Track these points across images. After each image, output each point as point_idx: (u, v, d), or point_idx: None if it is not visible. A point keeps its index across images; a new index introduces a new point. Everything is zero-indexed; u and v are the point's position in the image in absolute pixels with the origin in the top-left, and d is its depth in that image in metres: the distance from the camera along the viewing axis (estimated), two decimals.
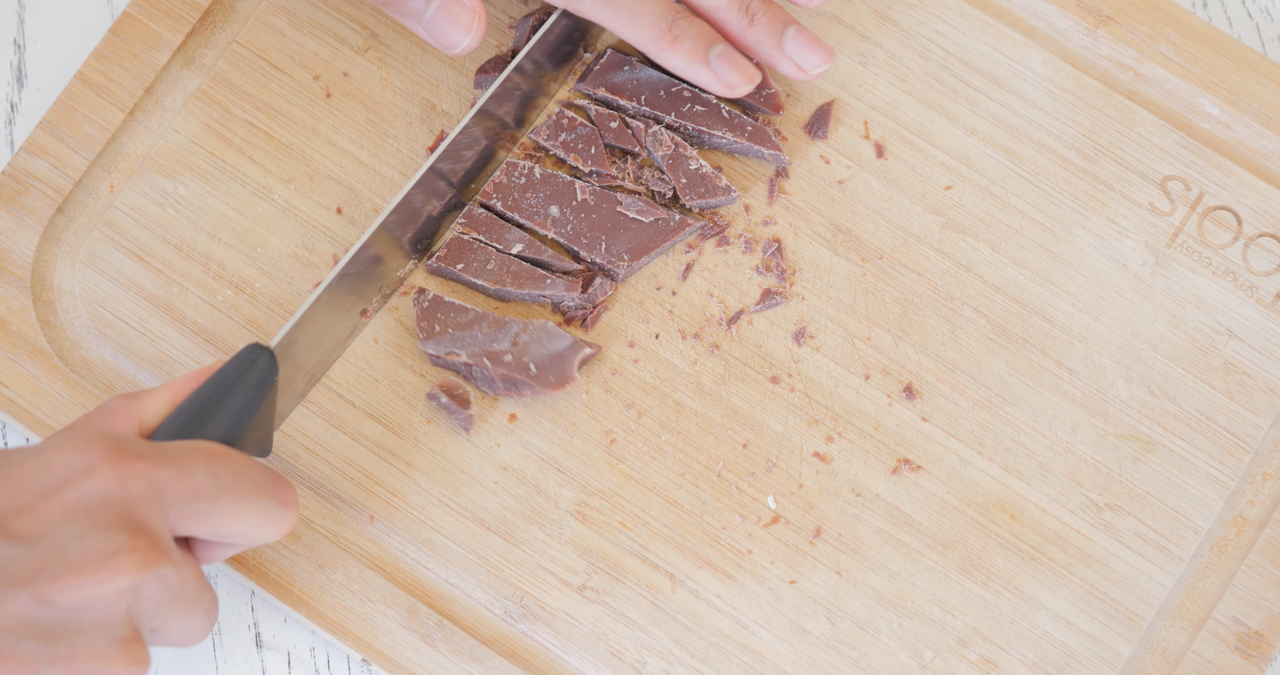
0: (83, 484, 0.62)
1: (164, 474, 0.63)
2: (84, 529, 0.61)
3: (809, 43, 0.77)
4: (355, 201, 0.80)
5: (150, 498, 0.63)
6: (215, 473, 0.65)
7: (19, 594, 0.59)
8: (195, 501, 0.64)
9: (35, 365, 0.78)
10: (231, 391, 0.69)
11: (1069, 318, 0.80)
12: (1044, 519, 0.78)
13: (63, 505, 0.61)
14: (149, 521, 0.62)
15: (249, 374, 0.69)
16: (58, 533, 0.61)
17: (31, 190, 0.80)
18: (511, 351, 0.77)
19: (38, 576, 0.60)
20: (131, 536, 0.61)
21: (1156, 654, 0.78)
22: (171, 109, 0.81)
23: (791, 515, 0.78)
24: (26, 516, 0.61)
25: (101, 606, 0.61)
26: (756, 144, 0.80)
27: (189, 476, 0.64)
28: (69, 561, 0.60)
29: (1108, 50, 0.83)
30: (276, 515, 0.67)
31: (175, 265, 0.80)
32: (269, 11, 0.82)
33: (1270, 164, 0.82)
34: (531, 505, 0.78)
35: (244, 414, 0.69)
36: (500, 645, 0.77)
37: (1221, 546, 0.79)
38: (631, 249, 0.79)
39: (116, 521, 0.61)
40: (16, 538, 0.60)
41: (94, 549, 0.61)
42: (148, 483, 0.63)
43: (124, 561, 0.61)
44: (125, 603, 0.62)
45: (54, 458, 0.62)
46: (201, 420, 0.68)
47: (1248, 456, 0.79)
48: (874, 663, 0.77)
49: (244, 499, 0.65)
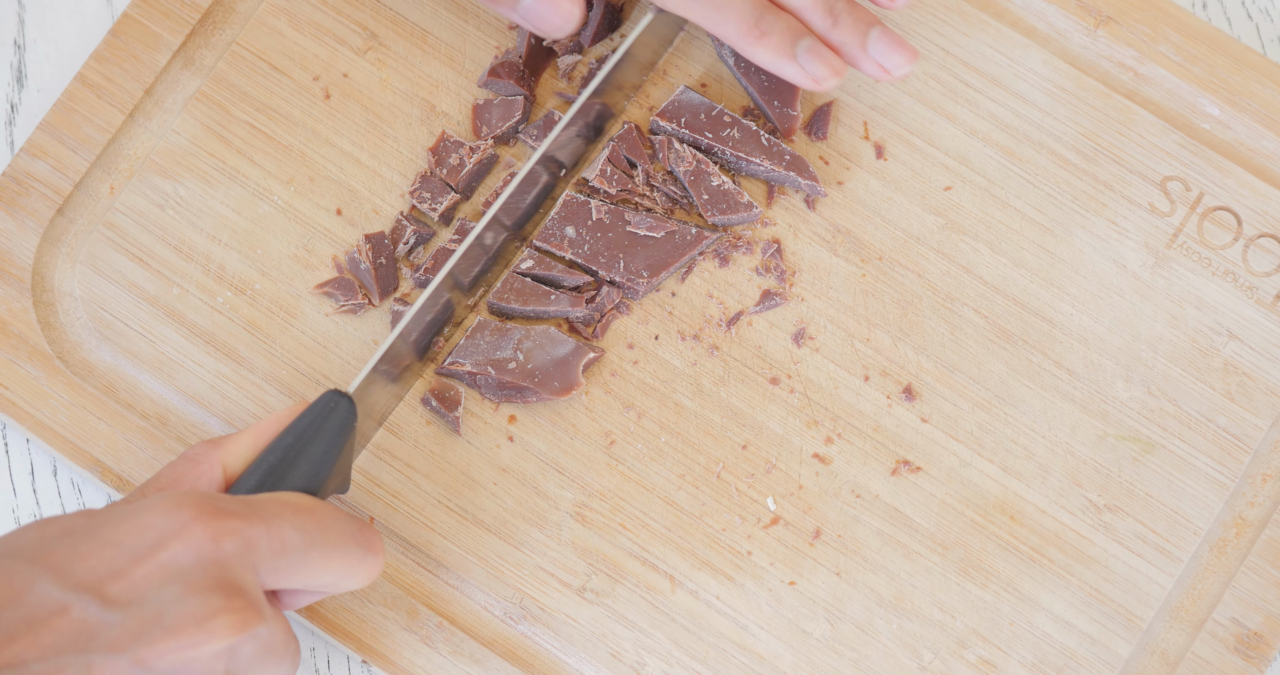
0: (175, 546, 0.62)
1: (255, 531, 0.63)
2: (180, 592, 0.61)
3: (893, 43, 0.76)
4: (355, 203, 0.80)
5: (242, 556, 0.63)
6: (304, 527, 0.65)
7: (119, 660, 0.60)
8: (285, 557, 0.64)
9: (36, 367, 0.78)
10: (313, 440, 0.69)
11: (1069, 318, 0.80)
12: (1043, 520, 0.78)
13: (158, 568, 0.62)
14: (242, 580, 0.63)
15: (329, 421, 0.70)
16: (154, 596, 0.61)
17: (32, 192, 0.80)
18: (515, 359, 0.77)
19: (137, 641, 0.60)
20: (227, 598, 0.62)
21: (1156, 655, 0.78)
22: (171, 110, 0.81)
23: (791, 516, 0.78)
24: (122, 581, 0.61)
25: (200, 669, 0.62)
26: (794, 172, 0.80)
27: (278, 533, 0.64)
28: (166, 625, 0.61)
29: (1108, 50, 0.82)
30: (364, 563, 0.67)
31: (175, 267, 0.80)
32: (269, 13, 0.82)
33: (1270, 164, 0.82)
34: (531, 506, 0.78)
35: (325, 461, 0.69)
36: (500, 646, 0.77)
37: (1221, 547, 0.79)
38: (650, 266, 0.79)
39: (211, 583, 0.62)
40: (114, 603, 0.61)
41: (190, 612, 0.61)
42: (239, 541, 0.63)
43: (221, 624, 0.61)
44: (222, 664, 0.62)
45: (146, 521, 0.63)
46: (284, 469, 0.68)
47: (1247, 457, 0.79)
48: (873, 664, 0.77)
49: (332, 550, 0.66)
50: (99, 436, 0.78)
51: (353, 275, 0.80)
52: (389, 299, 0.79)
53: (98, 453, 0.78)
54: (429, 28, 0.82)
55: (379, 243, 0.79)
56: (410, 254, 0.80)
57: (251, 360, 0.79)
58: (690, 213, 0.81)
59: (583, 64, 0.82)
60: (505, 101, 0.81)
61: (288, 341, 0.79)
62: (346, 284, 0.79)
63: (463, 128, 0.81)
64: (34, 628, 0.60)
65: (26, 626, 0.60)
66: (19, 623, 0.60)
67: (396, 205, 0.80)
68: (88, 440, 0.78)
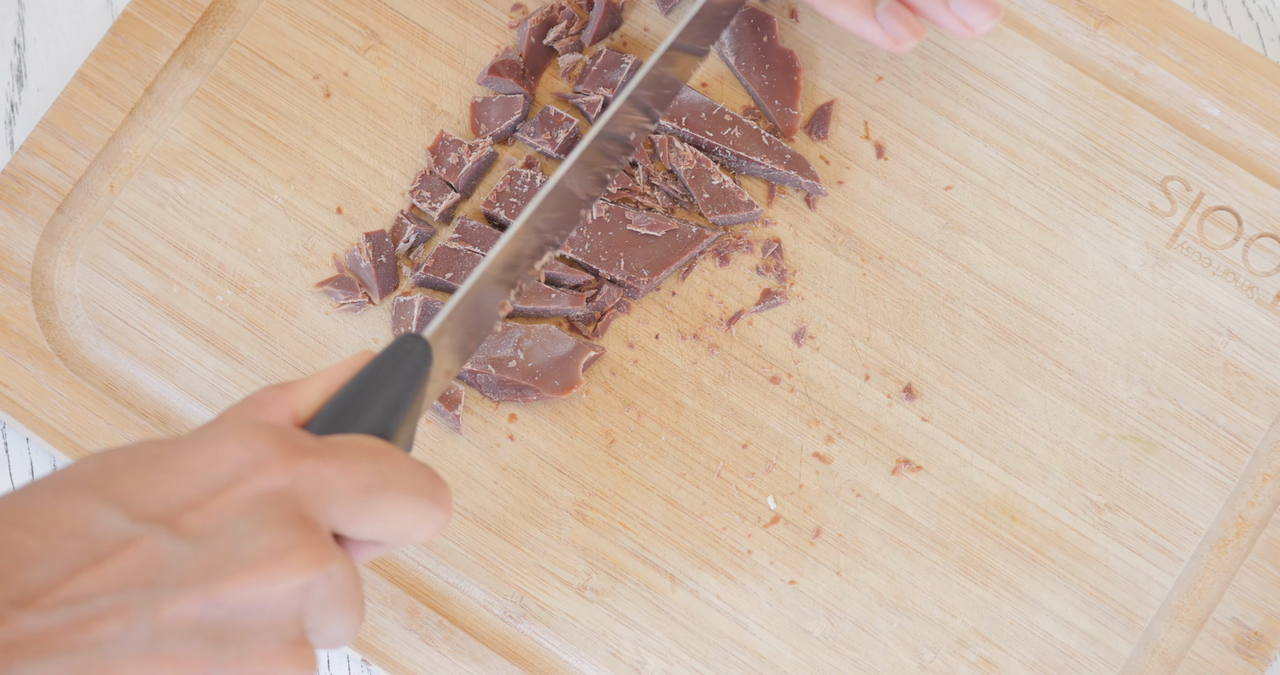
0: (254, 480, 0.59)
1: (331, 470, 0.60)
2: (255, 526, 0.58)
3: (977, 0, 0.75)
4: (355, 201, 0.80)
5: (317, 494, 0.60)
6: (380, 470, 0.62)
7: (190, 593, 0.56)
8: (360, 498, 0.61)
9: (35, 365, 0.78)
10: (387, 382, 0.65)
11: (1069, 318, 0.80)
12: (1044, 519, 0.78)
13: (233, 501, 0.58)
14: (316, 518, 0.60)
15: (404, 364, 0.66)
16: (229, 530, 0.58)
17: (32, 190, 0.80)
18: (515, 357, 0.77)
19: (209, 575, 0.57)
20: (304, 533, 0.59)
21: (1156, 654, 0.78)
22: (171, 109, 0.81)
23: (791, 515, 0.78)
24: (195, 513, 0.58)
25: (273, 606, 0.58)
26: (795, 172, 0.80)
27: (354, 473, 0.61)
28: (242, 560, 0.57)
29: (1108, 50, 0.82)
30: (432, 515, 0.63)
31: (175, 265, 0.80)
32: (269, 11, 0.82)
33: (1270, 164, 0.82)
34: (531, 505, 0.78)
35: (399, 405, 0.65)
36: (500, 645, 0.77)
37: (1221, 547, 0.79)
38: (650, 264, 0.79)
39: (288, 518, 0.59)
40: (187, 535, 0.57)
41: (266, 547, 0.58)
42: (316, 479, 0.60)
43: (297, 559, 0.58)
44: (296, 603, 0.59)
45: (222, 451, 0.59)
46: (357, 412, 0.64)
47: (1248, 457, 0.79)
48: (874, 663, 0.77)
49: (404, 497, 0.62)
50: (99, 435, 0.78)
51: (353, 274, 0.80)
52: (389, 297, 0.79)
53: (97, 450, 0.78)
54: (429, 26, 0.82)
55: (379, 241, 0.79)
56: (411, 253, 0.80)
57: (251, 358, 0.79)
58: (691, 211, 0.81)
59: (580, 63, 0.82)
60: (504, 99, 0.81)
61: (288, 340, 0.79)
62: (347, 282, 0.79)
63: (463, 127, 0.81)
64: (99, 560, 0.56)
65: (91, 559, 0.56)
66: (83, 555, 0.56)
67: (397, 204, 0.80)
68: (87, 438, 0.78)
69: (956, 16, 0.75)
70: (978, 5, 0.75)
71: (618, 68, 0.81)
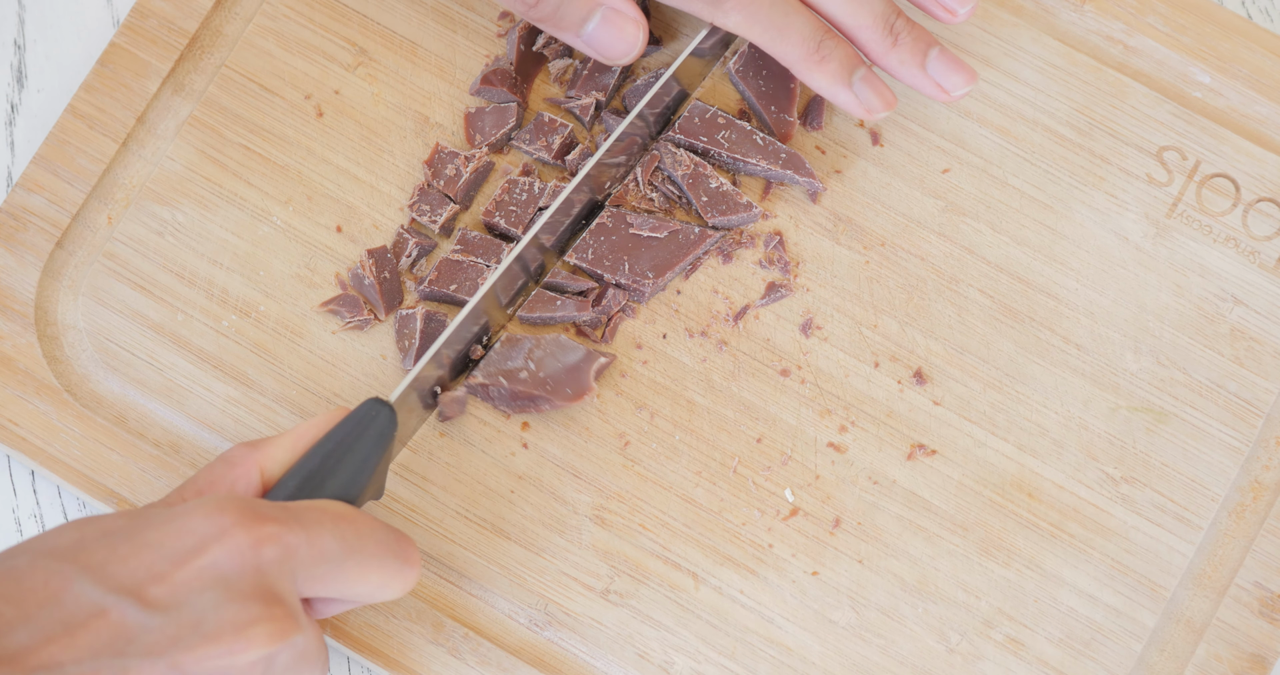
0: (217, 551, 0.62)
1: (295, 538, 0.63)
2: (219, 598, 0.61)
3: (952, 64, 0.77)
4: (355, 219, 0.80)
5: (281, 563, 0.63)
6: (343, 535, 0.65)
7: (156, 664, 0.59)
8: (324, 565, 0.64)
9: (44, 401, 0.78)
10: (352, 447, 0.69)
11: (1074, 293, 0.80)
12: (1061, 495, 0.79)
13: (198, 573, 0.61)
14: (279, 588, 0.62)
15: (369, 429, 0.69)
16: (194, 602, 0.61)
17: (29, 226, 0.80)
18: (527, 368, 0.77)
19: (175, 646, 0.60)
20: (266, 606, 0.61)
21: (1181, 623, 0.78)
22: (164, 137, 0.81)
23: (810, 507, 0.78)
24: (162, 584, 0.61)
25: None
26: (790, 170, 0.80)
27: (318, 540, 0.64)
28: (205, 632, 0.60)
29: (1096, 24, 0.83)
30: (400, 575, 0.67)
31: (178, 293, 0.79)
32: (256, 33, 0.82)
33: (1264, 129, 0.82)
34: (550, 512, 0.78)
35: (364, 469, 0.69)
36: (527, 654, 0.77)
37: (1239, 512, 0.79)
38: (655, 267, 0.79)
39: (251, 590, 0.61)
40: (153, 606, 0.60)
41: (229, 619, 0.61)
42: (279, 548, 0.63)
43: (260, 632, 0.61)
44: (259, 672, 0.62)
45: (188, 524, 0.62)
46: (323, 477, 0.68)
47: (1260, 421, 0.79)
48: (901, 649, 0.77)
49: (369, 560, 0.65)
50: (112, 468, 0.78)
51: (357, 291, 0.79)
52: (394, 313, 0.79)
53: (112, 484, 0.78)
54: (417, 40, 0.82)
55: (381, 257, 0.79)
56: (414, 267, 0.80)
57: (261, 382, 0.79)
58: (690, 212, 0.80)
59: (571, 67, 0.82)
60: (498, 109, 0.80)
61: (296, 361, 0.79)
62: (351, 300, 0.79)
63: (457, 138, 0.81)
64: (71, 629, 0.59)
65: (64, 628, 0.59)
66: (56, 624, 0.59)
67: (396, 219, 0.80)
68: (101, 472, 0.78)
69: (933, 80, 0.77)
70: (953, 69, 0.77)
71: (608, 71, 0.81)
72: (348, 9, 0.82)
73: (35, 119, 0.83)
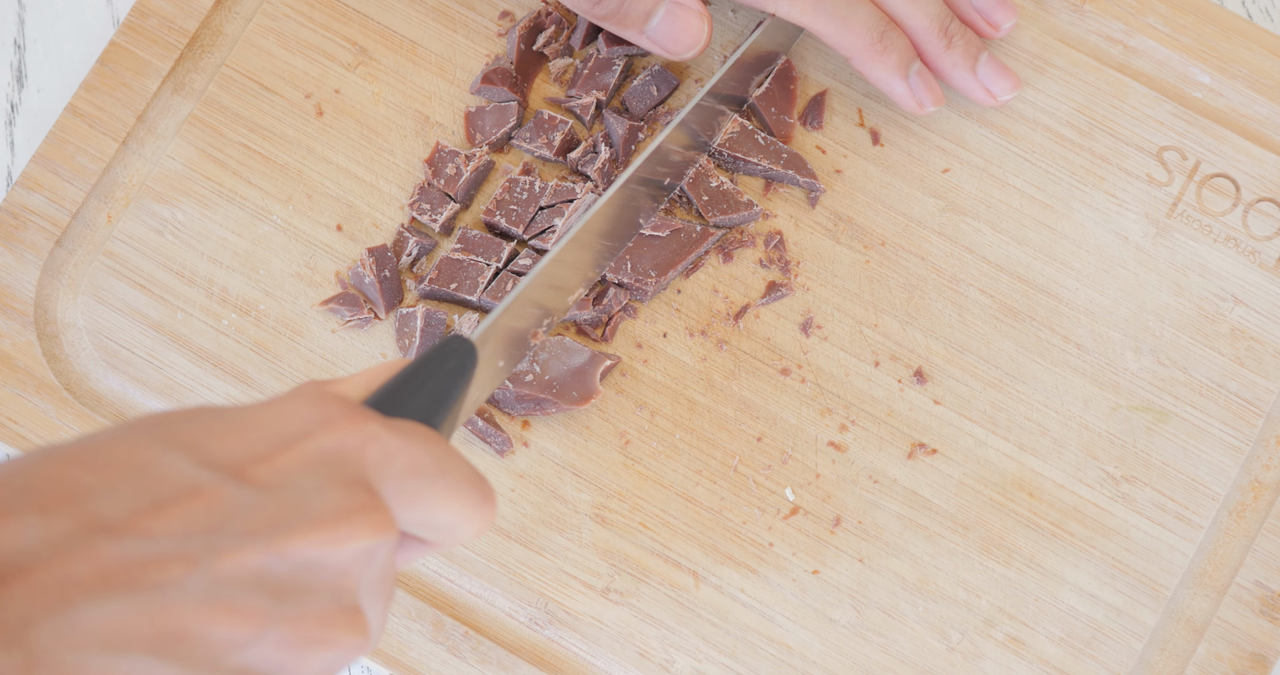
0: (322, 437, 0.57)
1: (395, 443, 0.58)
2: (324, 483, 0.56)
3: (1000, 70, 0.80)
4: (355, 218, 0.80)
5: (380, 464, 0.58)
6: (434, 454, 0.60)
7: (255, 544, 0.54)
8: (415, 478, 0.59)
9: (44, 400, 0.78)
10: (432, 377, 0.64)
11: (1074, 293, 0.80)
12: (1062, 494, 0.79)
13: (301, 456, 0.56)
14: (378, 487, 0.58)
15: (449, 361, 0.65)
16: (297, 484, 0.56)
17: (29, 225, 0.80)
18: (532, 371, 0.77)
19: (274, 528, 0.54)
20: (370, 496, 0.57)
21: (1182, 622, 0.78)
22: (164, 136, 0.81)
23: (810, 505, 0.78)
24: (264, 464, 0.55)
25: (336, 567, 0.56)
26: (792, 170, 0.80)
27: (413, 452, 0.59)
28: (309, 515, 0.55)
29: (1096, 25, 0.83)
30: (480, 511, 0.61)
31: (178, 292, 0.79)
32: (257, 33, 0.82)
33: (1264, 129, 0.82)
34: (550, 511, 0.78)
35: (443, 401, 0.64)
36: (527, 652, 0.77)
37: (1240, 512, 0.79)
38: (657, 265, 0.79)
39: (354, 480, 0.57)
40: (255, 485, 0.55)
41: (334, 504, 0.56)
42: (380, 448, 0.58)
43: (364, 520, 0.56)
44: (359, 568, 0.57)
45: (289, 408, 0.58)
46: (403, 401, 0.63)
47: (1260, 421, 0.79)
48: (902, 647, 0.77)
49: (456, 486, 0.60)
50: None
51: (357, 290, 0.79)
52: (395, 311, 0.79)
53: None
54: (418, 39, 0.82)
55: (382, 256, 0.79)
56: (414, 266, 0.80)
57: (261, 381, 0.79)
58: (690, 210, 0.81)
59: (571, 66, 0.82)
60: (498, 107, 0.80)
61: (296, 360, 0.79)
62: (351, 299, 0.79)
63: (457, 137, 0.81)
64: (161, 505, 0.53)
65: (153, 502, 0.53)
66: (144, 495, 0.53)
67: (396, 218, 0.80)
68: None
69: (982, 84, 0.80)
70: (1001, 75, 0.80)
71: (609, 70, 0.81)
72: (348, 8, 0.82)
73: (35, 118, 0.83)
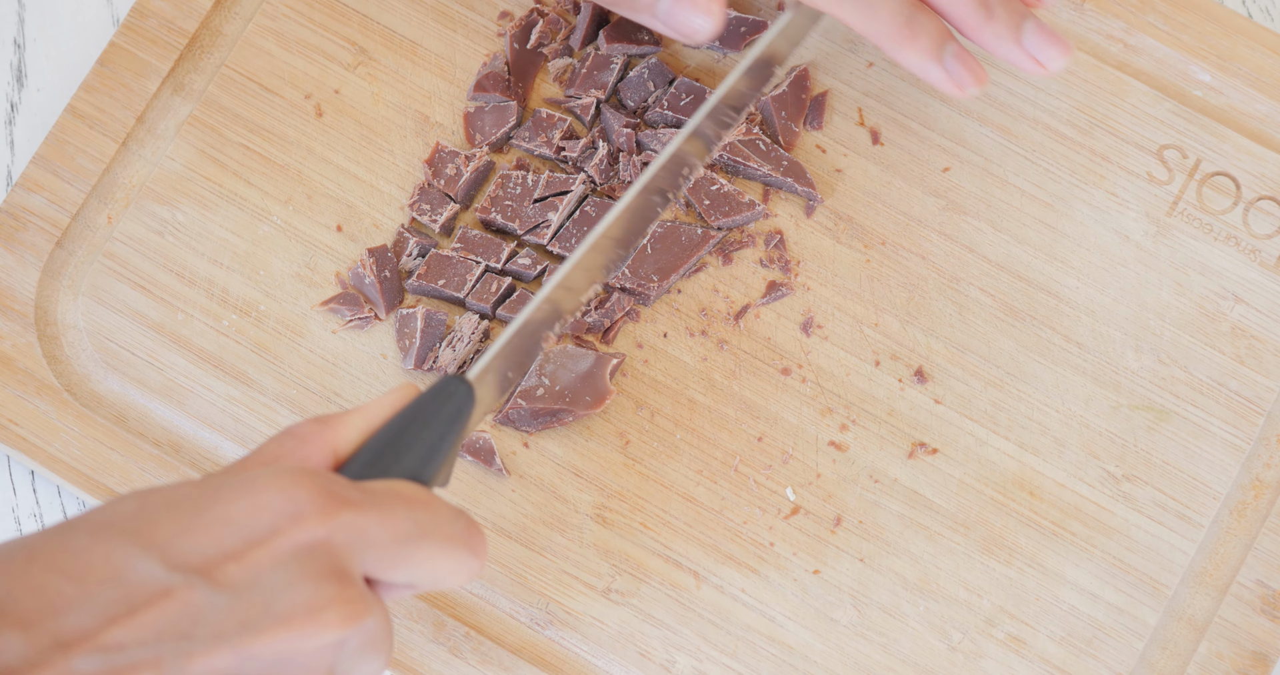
0: (294, 532, 0.58)
1: (368, 520, 0.60)
2: (293, 578, 0.57)
3: (1048, 36, 0.74)
4: (355, 218, 0.80)
5: (354, 544, 0.59)
6: (416, 519, 0.61)
7: (224, 646, 0.56)
8: (395, 547, 0.61)
9: (44, 401, 0.78)
10: (428, 424, 0.65)
11: (1075, 292, 0.80)
12: (1063, 494, 0.79)
13: (272, 553, 0.58)
14: (351, 568, 0.59)
15: (446, 407, 0.65)
16: (267, 581, 0.57)
17: (29, 226, 0.80)
18: (542, 384, 0.77)
19: (243, 629, 0.56)
20: (340, 588, 0.58)
21: (1183, 621, 0.78)
22: (164, 137, 0.81)
23: (811, 505, 0.78)
24: (234, 564, 0.57)
25: (305, 660, 0.58)
26: (791, 178, 0.80)
27: (391, 522, 0.60)
28: (277, 614, 0.57)
29: (1096, 23, 0.83)
30: (466, 563, 0.63)
31: (178, 293, 0.79)
32: (256, 33, 0.82)
33: (1265, 127, 0.82)
34: (551, 511, 0.78)
35: (438, 449, 0.65)
36: (528, 652, 0.77)
37: (1240, 510, 0.79)
38: (659, 269, 0.79)
39: (324, 571, 0.58)
40: (224, 586, 0.57)
41: (302, 601, 0.57)
42: (353, 530, 0.59)
43: (333, 615, 0.57)
44: (329, 657, 0.59)
45: (261, 500, 0.59)
46: (396, 455, 0.64)
47: (1261, 419, 0.79)
48: (903, 647, 0.77)
49: (439, 546, 0.62)
50: (113, 467, 0.78)
51: (357, 290, 0.79)
52: (395, 312, 0.79)
53: (112, 483, 0.78)
54: (417, 39, 0.82)
55: (382, 256, 0.79)
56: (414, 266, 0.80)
57: (261, 381, 0.79)
58: (690, 213, 0.80)
59: (570, 66, 0.82)
60: (497, 108, 0.80)
61: (296, 360, 0.79)
62: (351, 299, 0.79)
63: (457, 137, 0.81)
64: (135, 610, 0.55)
65: (127, 608, 0.55)
66: (118, 603, 0.55)
67: (397, 218, 0.80)
68: (101, 472, 0.78)
69: (1029, 54, 0.74)
70: (1050, 42, 0.74)
71: (607, 68, 0.81)
72: (348, 8, 0.82)
73: (35, 118, 0.83)
